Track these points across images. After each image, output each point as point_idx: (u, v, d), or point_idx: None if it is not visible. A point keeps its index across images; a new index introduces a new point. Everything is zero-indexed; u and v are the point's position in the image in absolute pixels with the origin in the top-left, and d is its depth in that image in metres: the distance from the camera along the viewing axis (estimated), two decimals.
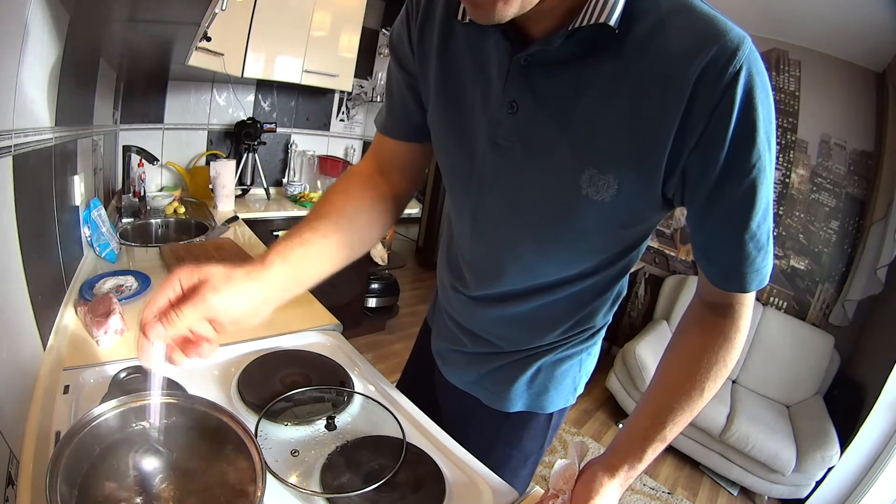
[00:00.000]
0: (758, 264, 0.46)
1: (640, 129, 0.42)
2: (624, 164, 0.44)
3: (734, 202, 0.43)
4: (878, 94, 2.24)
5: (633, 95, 0.42)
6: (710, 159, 0.41)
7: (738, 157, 0.40)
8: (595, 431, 2.32)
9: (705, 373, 0.51)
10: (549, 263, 0.57)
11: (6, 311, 0.61)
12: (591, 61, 0.43)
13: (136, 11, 0.91)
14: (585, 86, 0.44)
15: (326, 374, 0.79)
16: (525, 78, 0.47)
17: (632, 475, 0.53)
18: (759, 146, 0.40)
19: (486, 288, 0.64)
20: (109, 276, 1.05)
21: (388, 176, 0.67)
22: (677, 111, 0.40)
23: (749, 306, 0.51)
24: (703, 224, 0.47)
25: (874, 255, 2.15)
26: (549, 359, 0.67)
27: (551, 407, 0.72)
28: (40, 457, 0.55)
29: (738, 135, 0.40)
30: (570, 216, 0.49)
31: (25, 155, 0.68)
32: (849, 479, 1.86)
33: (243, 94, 2.42)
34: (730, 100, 0.38)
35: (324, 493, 0.55)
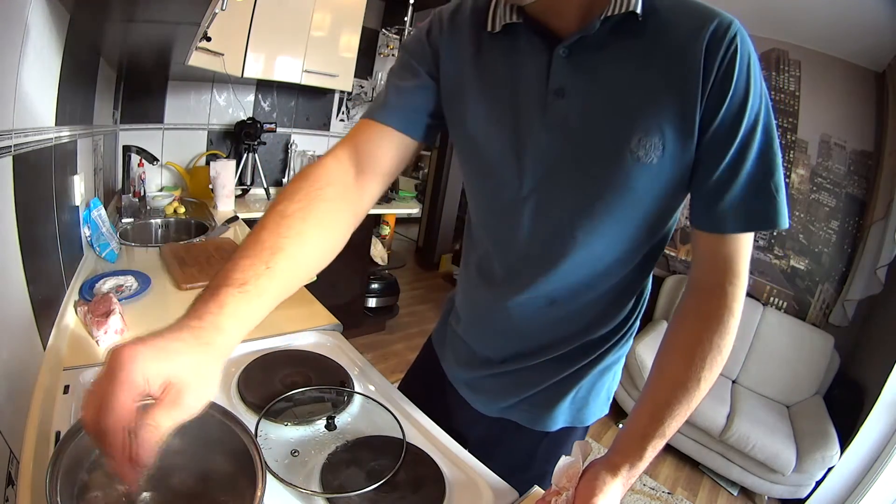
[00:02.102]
0: (782, 199, 0.51)
1: (673, 94, 0.49)
2: (666, 126, 0.50)
3: (749, 136, 0.49)
4: (878, 94, 2.24)
5: (661, 68, 0.49)
6: (726, 105, 0.48)
7: (746, 101, 0.48)
8: (595, 432, 2.32)
9: (700, 363, 0.53)
10: (602, 241, 0.57)
11: (6, 311, 0.61)
12: (623, 44, 0.50)
13: (136, 11, 0.91)
14: (621, 64, 0.51)
15: (326, 374, 0.79)
16: (568, 65, 0.52)
17: (634, 473, 0.53)
18: (760, 94, 0.49)
19: (538, 283, 0.61)
20: (109, 276, 1.05)
21: (368, 174, 0.61)
22: (698, 74, 0.48)
23: (742, 287, 0.54)
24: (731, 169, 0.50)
25: (874, 255, 2.15)
26: (593, 371, 0.68)
27: (591, 419, 0.72)
28: (40, 457, 0.55)
29: (743, 85, 0.48)
30: (623, 182, 0.52)
31: (25, 155, 0.68)
32: (849, 479, 1.86)
33: (243, 94, 2.42)
34: (732, 58, 0.48)
35: (324, 493, 0.55)
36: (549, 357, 0.67)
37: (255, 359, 0.79)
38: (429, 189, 4.28)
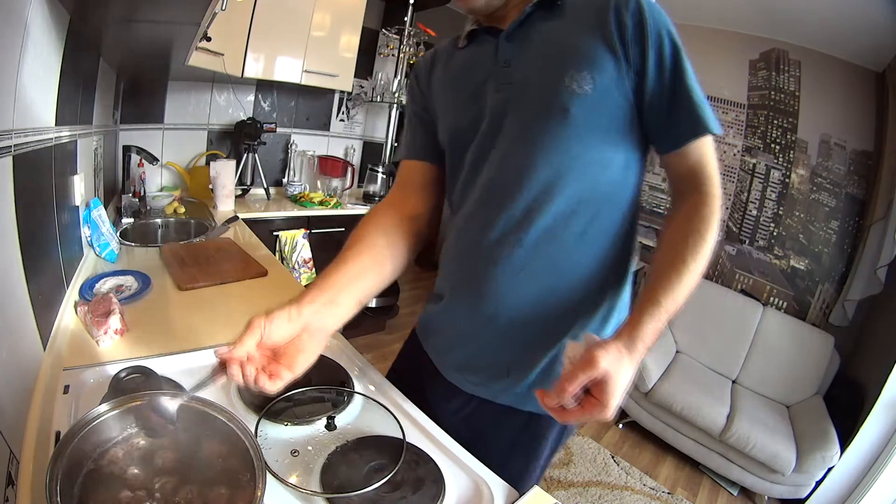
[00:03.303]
0: (706, 109, 0.62)
1: (594, 40, 0.62)
2: (594, 63, 0.61)
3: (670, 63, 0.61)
4: (878, 94, 2.24)
5: (581, 28, 0.63)
6: (650, 50, 0.60)
7: (660, 42, 0.60)
8: (595, 431, 2.32)
9: (686, 249, 0.60)
10: (555, 174, 0.65)
11: (6, 311, 0.61)
12: (548, 21, 0.65)
13: (136, 11, 0.91)
14: (548, 34, 0.65)
15: (326, 374, 0.79)
16: (510, 45, 0.67)
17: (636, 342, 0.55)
18: (668, 33, 0.61)
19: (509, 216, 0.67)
20: (109, 276, 1.05)
21: (409, 198, 0.81)
22: (612, 23, 0.61)
23: (715, 186, 0.63)
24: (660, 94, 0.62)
25: (874, 255, 2.15)
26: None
27: None
28: (40, 457, 0.55)
29: (654, 29, 0.60)
30: (560, 111, 0.63)
31: (25, 155, 0.68)
32: (849, 479, 1.86)
33: (243, 94, 2.42)
34: (639, 12, 0.60)
35: (324, 493, 0.55)
36: (531, 326, 0.69)
37: None
38: None
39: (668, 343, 2.52)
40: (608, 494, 1.88)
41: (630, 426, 2.39)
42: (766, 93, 2.54)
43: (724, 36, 2.63)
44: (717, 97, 2.72)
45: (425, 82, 0.79)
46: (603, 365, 0.51)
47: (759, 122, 2.59)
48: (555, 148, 0.63)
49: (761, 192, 2.61)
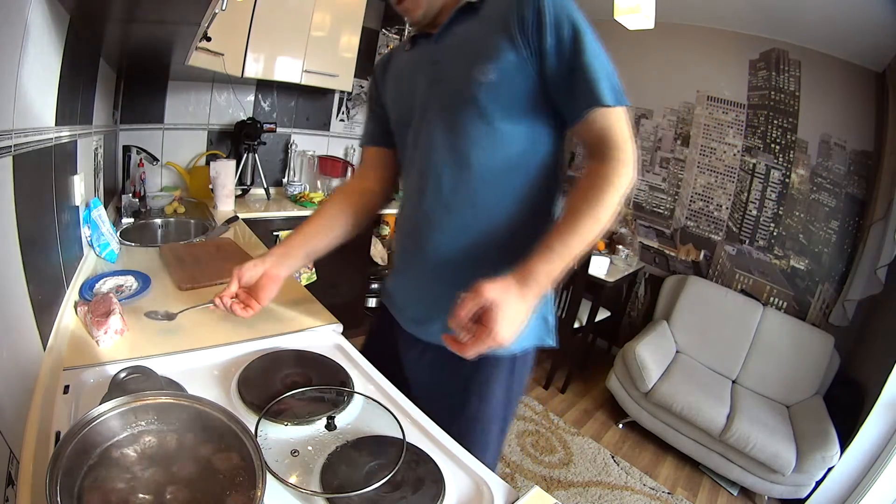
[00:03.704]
0: (603, 82, 0.69)
1: (500, 34, 0.72)
2: (496, 55, 0.71)
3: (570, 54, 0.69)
4: (878, 94, 2.24)
5: (491, 25, 0.73)
6: (547, 36, 0.69)
7: (560, 27, 0.69)
8: (595, 431, 2.32)
9: (580, 203, 0.70)
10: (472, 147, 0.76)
11: (6, 311, 0.61)
12: (468, 22, 0.77)
13: (136, 11, 0.91)
14: (467, 34, 0.76)
15: (326, 374, 0.79)
16: (438, 46, 0.80)
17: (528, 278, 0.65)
18: (568, 19, 0.68)
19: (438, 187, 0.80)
20: (109, 276, 1.05)
21: (365, 177, 1.00)
22: (511, 18, 0.70)
23: (624, 153, 0.70)
24: (560, 73, 0.71)
25: (874, 255, 2.15)
26: None
27: (526, 343, 0.85)
28: (40, 457, 0.55)
29: (553, 17, 0.68)
30: (469, 99, 0.74)
31: (25, 155, 0.68)
32: (849, 479, 1.86)
33: (243, 94, 2.42)
34: (538, 5, 0.68)
35: (324, 493, 0.55)
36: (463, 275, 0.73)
37: (255, 359, 0.79)
38: None
39: (668, 343, 2.52)
40: (608, 494, 1.88)
41: (630, 426, 2.39)
42: (766, 93, 2.54)
43: (724, 36, 2.63)
44: (717, 97, 2.72)
45: (380, 79, 0.94)
46: (489, 294, 0.61)
47: (759, 122, 2.59)
48: (469, 129, 0.76)
49: (761, 192, 2.61)
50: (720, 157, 2.74)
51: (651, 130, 3.00)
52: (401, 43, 0.94)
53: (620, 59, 2.74)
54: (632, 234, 3.03)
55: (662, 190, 2.98)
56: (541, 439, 2.16)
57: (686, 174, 2.88)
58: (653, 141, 3.00)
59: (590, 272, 2.44)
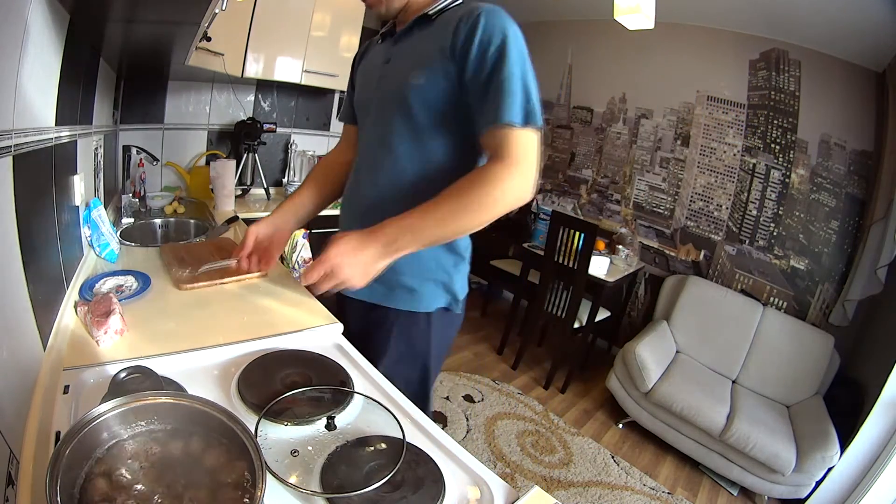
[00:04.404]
0: (513, 103, 0.76)
1: (437, 45, 0.81)
2: (431, 62, 0.82)
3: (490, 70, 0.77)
4: (878, 94, 2.24)
5: (434, 37, 0.83)
6: (473, 50, 0.77)
7: (487, 44, 0.77)
8: (595, 431, 2.32)
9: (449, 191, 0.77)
10: (397, 137, 0.89)
11: (6, 311, 0.61)
12: (421, 30, 0.88)
13: (136, 11, 0.91)
14: (417, 40, 0.88)
15: (326, 374, 0.79)
16: (394, 46, 0.92)
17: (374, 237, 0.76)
18: (498, 39, 0.76)
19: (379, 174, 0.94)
20: (109, 276, 1.05)
21: (343, 149, 1.15)
22: (450, 32, 0.79)
23: (512, 167, 0.76)
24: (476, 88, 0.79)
25: (874, 255, 2.15)
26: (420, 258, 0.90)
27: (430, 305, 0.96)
28: (40, 457, 0.55)
29: (483, 35, 0.77)
30: (402, 100, 0.86)
31: (25, 155, 0.68)
32: (849, 479, 1.86)
33: (243, 94, 2.43)
34: (475, 22, 0.77)
35: (324, 493, 0.55)
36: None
37: (255, 359, 0.79)
38: None
39: (668, 343, 2.52)
40: (608, 494, 1.88)
41: (630, 426, 2.39)
42: (766, 93, 2.54)
43: (724, 36, 2.64)
44: (717, 97, 2.72)
45: (357, 65, 1.08)
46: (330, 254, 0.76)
47: (759, 122, 2.59)
48: (399, 123, 0.87)
49: (761, 192, 2.61)
50: (720, 157, 2.74)
51: (651, 130, 3.01)
52: (377, 35, 1.04)
53: (620, 59, 2.77)
54: (632, 234, 3.03)
55: (662, 190, 2.98)
56: (541, 439, 2.16)
57: (686, 174, 2.88)
58: (653, 141, 3.00)
59: (590, 272, 2.44)
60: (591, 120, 3.29)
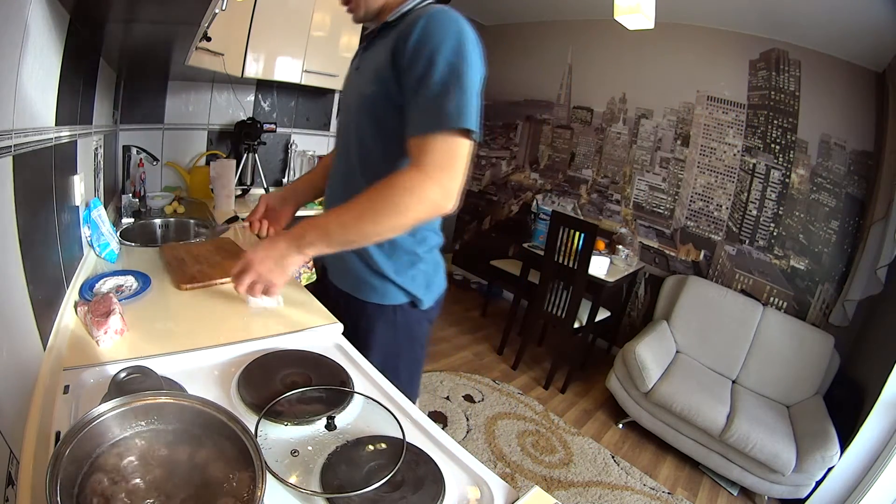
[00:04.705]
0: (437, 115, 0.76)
1: (387, 53, 0.83)
2: (380, 72, 0.85)
3: (418, 77, 0.77)
4: (878, 94, 2.24)
5: (387, 44, 0.84)
6: (406, 57, 0.79)
7: (419, 54, 0.77)
8: (595, 431, 2.32)
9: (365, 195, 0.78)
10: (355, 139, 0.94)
11: (6, 311, 0.61)
12: (383, 38, 0.88)
13: (136, 11, 0.91)
14: (379, 48, 0.89)
15: (326, 374, 0.79)
16: (363, 54, 0.98)
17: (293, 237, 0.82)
18: (431, 44, 0.76)
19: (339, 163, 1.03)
20: (109, 276, 1.05)
21: None
22: (396, 40, 0.81)
23: (424, 175, 0.75)
24: (409, 97, 0.80)
25: (874, 255, 2.15)
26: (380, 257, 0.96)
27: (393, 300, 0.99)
28: (40, 457, 0.55)
29: (417, 44, 0.77)
30: (361, 108, 0.91)
31: (25, 155, 0.68)
32: (849, 479, 1.86)
33: (243, 94, 2.42)
34: (413, 28, 0.78)
35: (324, 493, 0.55)
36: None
37: (255, 359, 0.79)
38: None
39: (668, 343, 2.52)
40: (608, 494, 1.88)
41: (630, 426, 2.39)
42: (766, 93, 2.54)
43: (724, 36, 2.64)
44: (717, 97, 2.72)
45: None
46: (247, 252, 0.85)
47: (759, 122, 2.59)
48: (358, 131, 0.93)
49: (761, 192, 2.61)
50: (720, 157, 2.74)
51: (651, 130, 3.01)
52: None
53: (620, 59, 2.78)
54: (632, 234, 3.03)
55: (662, 190, 2.98)
56: (541, 439, 2.16)
57: (686, 174, 2.88)
58: (653, 141, 3.00)
59: (590, 272, 2.44)
60: (591, 120, 3.29)
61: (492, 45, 3.87)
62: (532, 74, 3.58)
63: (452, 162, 0.75)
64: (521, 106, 3.70)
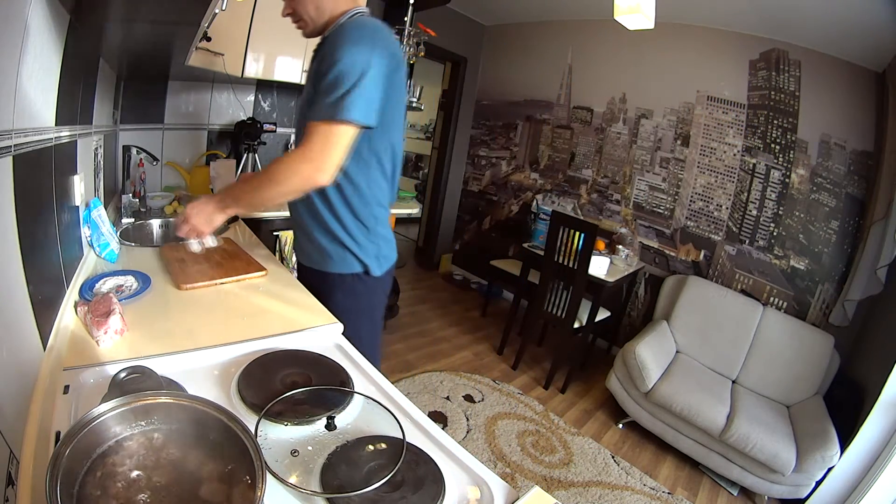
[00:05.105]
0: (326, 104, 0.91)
1: (317, 63, 1.00)
2: (313, 75, 1.00)
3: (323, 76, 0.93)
4: (878, 94, 2.24)
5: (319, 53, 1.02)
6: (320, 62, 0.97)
7: (324, 58, 0.94)
8: (595, 431, 2.32)
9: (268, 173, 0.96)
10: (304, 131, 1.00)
11: (6, 311, 0.61)
12: (321, 46, 1.04)
13: (136, 11, 0.91)
14: (317, 56, 1.04)
15: (326, 374, 0.79)
16: (312, 62, 1.08)
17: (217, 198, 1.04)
18: (332, 53, 0.92)
19: None
20: (109, 276, 1.05)
21: None
22: (321, 51, 1.01)
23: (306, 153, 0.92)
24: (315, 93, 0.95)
25: (874, 255, 2.15)
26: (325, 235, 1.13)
27: (339, 269, 1.14)
28: (40, 457, 0.55)
29: (326, 50, 0.95)
30: (306, 102, 1.04)
31: (25, 155, 0.68)
32: (849, 479, 1.86)
33: (243, 94, 2.42)
34: (324, 40, 1.01)
35: (324, 493, 0.55)
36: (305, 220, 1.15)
37: (255, 359, 0.79)
38: (429, 189, 4.28)
39: (668, 343, 2.52)
40: (608, 494, 1.88)
41: (630, 426, 2.39)
42: (766, 93, 2.55)
43: (724, 36, 2.64)
44: (717, 97, 2.72)
45: None
46: (187, 206, 1.04)
47: (759, 122, 2.59)
48: (302, 125, 1.02)
49: (761, 192, 2.61)
50: (720, 157, 2.74)
51: (651, 130, 3.01)
52: None
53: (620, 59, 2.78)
54: (632, 234, 3.03)
55: (662, 190, 2.98)
56: (541, 439, 2.16)
57: (686, 174, 2.88)
58: (653, 141, 3.00)
59: (590, 272, 2.44)
60: (591, 120, 3.29)
61: (492, 45, 3.88)
62: (532, 74, 3.58)
63: (324, 145, 0.92)
64: (521, 106, 3.70)
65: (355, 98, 0.90)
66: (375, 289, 1.19)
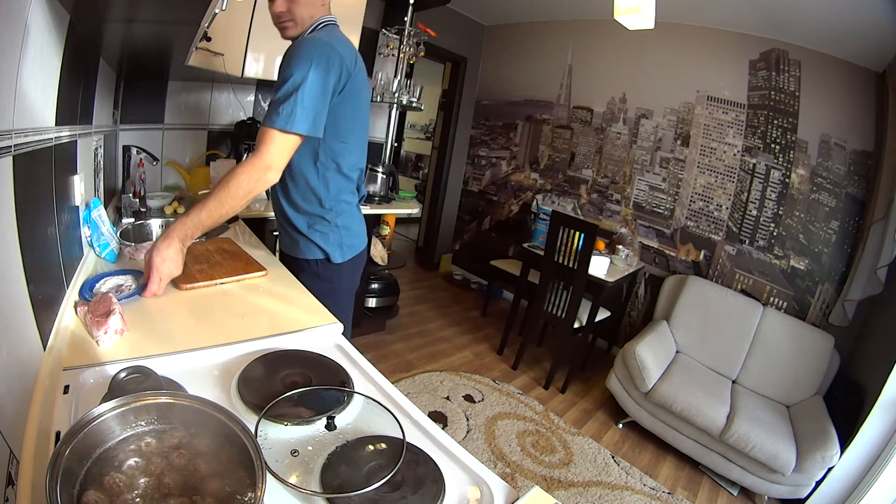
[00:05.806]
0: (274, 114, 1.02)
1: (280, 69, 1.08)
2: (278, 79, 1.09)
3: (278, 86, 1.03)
4: (878, 94, 2.24)
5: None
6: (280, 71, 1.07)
7: (284, 66, 1.05)
8: (595, 431, 2.32)
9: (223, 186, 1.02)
10: None
11: (6, 311, 0.61)
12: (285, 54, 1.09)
13: (136, 11, 0.91)
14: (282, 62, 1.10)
15: (326, 374, 0.79)
16: None
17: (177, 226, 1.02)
18: (286, 68, 1.04)
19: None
20: (109, 276, 1.05)
21: None
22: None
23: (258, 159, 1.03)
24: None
25: (874, 255, 2.15)
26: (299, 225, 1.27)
27: (310, 255, 1.29)
28: (40, 457, 0.55)
29: (284, 62, 1.06)
30: None
31: (25, 155, 0.68)
32: (849, 479, 1.86)
33: (243, 94, 2.42)
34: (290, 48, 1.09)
35: (324, 493, 0.55)
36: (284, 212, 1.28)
37: (255, 359, 0.79)
38: (429, 189, 4.28)
39: (668, 343, 2.52)
40: (608, 494, 1.88)
41: (630, 426, 2.39)
42: (766, 93, 2.55)
43: (724, 36, 2.64)
44: (717, 97, 2.72)
45: None
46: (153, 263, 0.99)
47: (759, 122, 2.59)
48: None
49: (761, 192, 2.61)
50: (720, 157, 2.74)
51: (651, 130, 3.01)
52: None
53: (620, 59, 2.78)
54: (632, 234, 3.03)
55: (662, 190, 2.98)
56: (541, 439, 2.16)
57: (686, 174, 2.88)
58: (653, 141, 3.00)
59: (590, 272, 2.44)
60: (591, 120, 3.29)
61: (492, 44, 3.89)
62: (532, 74, 3.58)
63: (268, 148, 1.02)
64: (521, 106, 3.70)
65: (295, 113, 1.01)
66: (340, 274, 1.32)
